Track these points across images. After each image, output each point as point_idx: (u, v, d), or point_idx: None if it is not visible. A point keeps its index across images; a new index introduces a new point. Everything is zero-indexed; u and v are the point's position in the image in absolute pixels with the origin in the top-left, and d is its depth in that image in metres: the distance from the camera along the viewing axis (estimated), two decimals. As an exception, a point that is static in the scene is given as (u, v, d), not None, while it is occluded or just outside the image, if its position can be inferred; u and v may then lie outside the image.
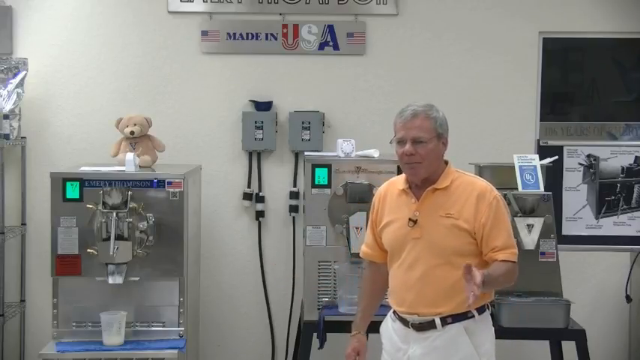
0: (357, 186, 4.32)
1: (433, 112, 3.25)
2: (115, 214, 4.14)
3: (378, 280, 3.49)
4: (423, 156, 3.21)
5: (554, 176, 4.64)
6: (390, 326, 3.40)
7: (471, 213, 3.21)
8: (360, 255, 3.60)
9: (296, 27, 5.19)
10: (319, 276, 4.36)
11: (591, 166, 4.81)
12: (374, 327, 3.52)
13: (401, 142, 3.24)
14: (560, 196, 4.76)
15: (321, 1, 5.17)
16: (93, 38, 5.20)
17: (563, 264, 4.38)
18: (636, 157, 4.81)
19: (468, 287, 2.97)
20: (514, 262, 3.24)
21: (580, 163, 4.83)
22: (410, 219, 3.26)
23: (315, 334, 4.25)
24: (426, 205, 3.26)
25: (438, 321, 3.24)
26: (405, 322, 3.31)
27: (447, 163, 3.33)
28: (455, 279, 3.19)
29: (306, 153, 4.75)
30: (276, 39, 5.20)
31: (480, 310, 3.26)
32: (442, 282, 3.21)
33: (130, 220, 4.17)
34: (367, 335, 3.72)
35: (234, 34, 5.19)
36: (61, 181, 4.21)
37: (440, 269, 3.21)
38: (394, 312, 3.38)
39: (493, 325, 3.38)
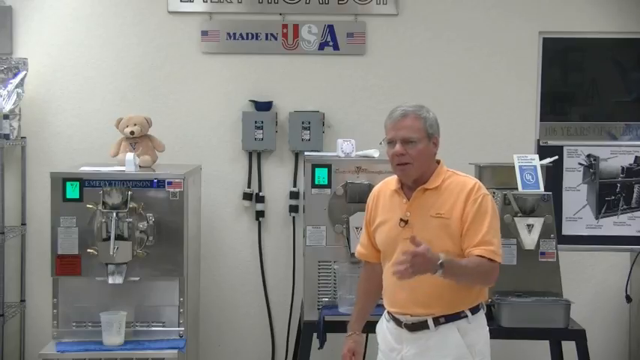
0: (357, 186, 4.32)
1: (423, 113, 3.25)
2: (115, 214, 4.13)
3: (374, 280, 3.49)
4: (413, 156, 3.21)
5: (554, 176, 4.63)
6: (384, 326, 3.40)
7: (460, 210, 3.20)
8: (355, 255, 3.60)
9: (296, 27, 5.19)
10: (319, 276, 4.36)
11: (591, 166, 4.81)
12: (373, 327, 3.51)
13: (391, 142, 3.24)
14: (560, 196, 4.76)
15: (321, 1, 5.17)
16: (93, 38, 5.20)
17: (563, 264, 4.39)
18: (636, 157, 4.82)
19: (405, 258, 2.94)
20: (491, 259, 3.15)
21: (580, 163, 4.83)
22: (401, 219, 3.26)
23: (315, 334, 4.25)
24: (417, 205, 3.26)
25: (430, 321, 3.23)
26: (398, 322, 3.31)
27: (439, 162, 3.33)
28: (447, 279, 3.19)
29: (306, 153, 4.75)
30: (276, 39, 5.20)
31: (474, 310, 3.26)
32: (434, 282, 3.18)
33: (130, 220, 4.16)
34: (367, 335, 3.73)
35: (234, 34, 5.19)
36: (61, 181, 4.21)
37: None
38: (388, 312, 3.38)
39: (493, 325, 3.39)
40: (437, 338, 3.23)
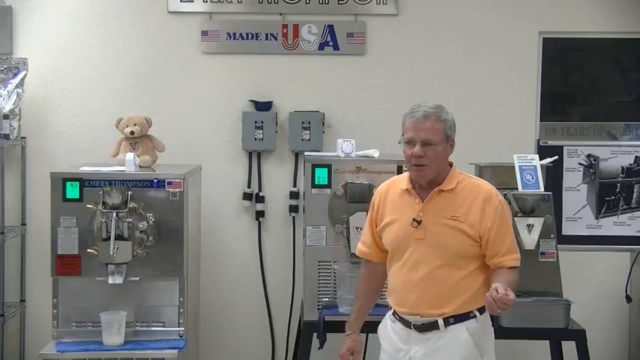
0: (357, 186, 4.31)
1: (444, 115, 3.24)
2: (115, 214, 4.13)
3: (375, 279, 3.49)
4: (431, 158, 3.20)
5: (554, 176, 4.63)
6: (389, 327, 3.39)
7: (477, 216, 3.21)
8: (357, 253, 3.59)
9: (296, 27, 5.19)
10: (319, 276, 4.36)
11: (591, 166, 4.81)
12: (373, 327, 3.52)
13: (410, 142, 3.22)
14: (560, 196, 4.76)
15: (321, 1, 5.17)
16: (93, 38, 5.20)
17: (563, 264, 4.38)
18: (636, 157, 4.81)
19: (499, 303, 2.98)
20: (518, 267, 3.27)
21: (580, 163, 4.82)
22: (414, 219, 3.25)
23: (315, 334, 4.25)
24: (431, 206, 3.25)
25: (440, 322, 3.23)
26: (406, 322, 3.30)
27: (451, 164, 3.33)
28: (458, 280, 3.21)
29: (306, 153, 4.75)
30: (276, 39, 5.20)
31: (482, 310, 3.26)
32: (445, 283, 3.21)
33: (130, 220, 4.16)
34: (367, 335, 3.73)
35: (234, 34, 5.19)
36: (61, 181, 4.20)
37: (443, 270, 3.21)
38: (394, 313, 3.37)
39: (494, 325, 3.39)
40: (446, 338, 3.23)
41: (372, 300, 3.55)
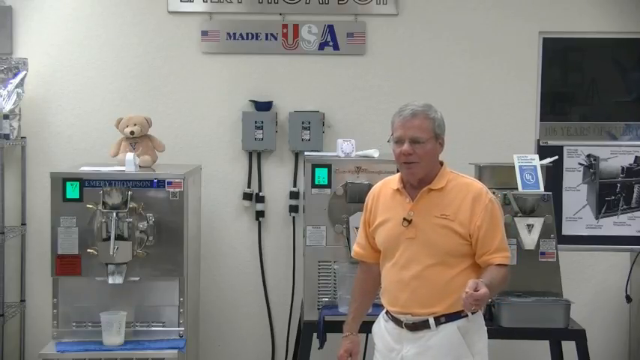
0: (357, 186, 4.31)
1: (432, 113, 3.26)
2: (115, 214, 4.13)
3: (370, 280, 3.49)
4: (420, 156, 3.22)
5: (554, 176, 4.63)
6: (382, 326, 3.40)
7: (467, 215, 3.22)
8: (352, 255, 3.60)
9: (296, 27, 5.19)
10: (319, 276, 4.36)
11: (591, 166, 4.81)
12: (367, 327, 3.51)
13: (399, 141, 3.24)
14: (560, 196, 4.76)
15: (321, 1, 5.17)
16: (93, 38, 5.20)
17: (563, 264, 4.39)
18: (636, 157, 4.81)
19: (468, 300, 2.98)
20: (507, 265, 3.26)
21: (580, 163, 4.83)
22: (404, 219, 3.26)
23: (315, 334, 4.25)
24: (421, 205, 3.26)
25: (431, 321, 3.24)
26: (398, 322, 3.31)
27: (442, 163, 3.34)
28: (449, 279, 3.21)
29: (306, 153, 4.75)
30: (276, 39, 5.20)
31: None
32: (436, 282, 3.22)
33: (130, 220, 4.16)
34: (367, 335, 3.73)
35: (234, 34, 5.19)
36: (61, 181, 4.21)
37: (434, 269, 3.22)
38: (387, 312, 3.38)
39: (493, 325, 3.39)
40: (437, 337, 3.23)
41: (368, 301, 3.55)
